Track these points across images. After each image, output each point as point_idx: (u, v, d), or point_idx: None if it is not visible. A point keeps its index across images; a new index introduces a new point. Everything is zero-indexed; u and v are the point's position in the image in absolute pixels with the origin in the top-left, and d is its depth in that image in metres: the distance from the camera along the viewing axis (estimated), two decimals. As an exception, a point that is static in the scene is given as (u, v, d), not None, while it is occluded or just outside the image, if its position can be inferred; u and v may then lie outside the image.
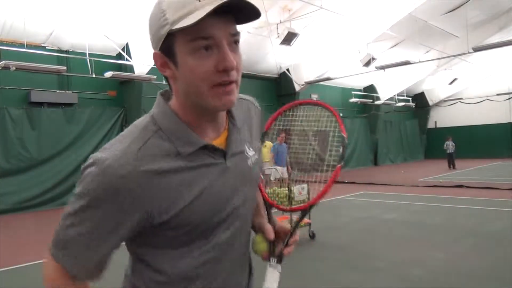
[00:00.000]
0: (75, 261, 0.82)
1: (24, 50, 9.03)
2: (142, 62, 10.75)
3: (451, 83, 22.10)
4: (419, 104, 23.60)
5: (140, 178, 0.78)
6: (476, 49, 12.64)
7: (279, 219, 5.96)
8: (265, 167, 7.95)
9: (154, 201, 0.80)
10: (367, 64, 15.29)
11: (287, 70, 15.62)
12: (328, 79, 15.07)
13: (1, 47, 8.89)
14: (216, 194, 0.88)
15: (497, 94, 21.71)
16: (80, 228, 0.79)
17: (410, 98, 22.31)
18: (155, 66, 0.87)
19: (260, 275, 1.07)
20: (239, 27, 0.83)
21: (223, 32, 0.79)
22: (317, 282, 3.99)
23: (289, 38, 12.77)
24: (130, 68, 11.00)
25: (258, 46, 12.87)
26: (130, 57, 10.91)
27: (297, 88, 15.64)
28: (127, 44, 11.03)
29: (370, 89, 20.10)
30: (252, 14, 0.80)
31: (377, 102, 19.58)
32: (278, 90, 16.25)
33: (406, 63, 13.49)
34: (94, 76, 10.27)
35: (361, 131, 19.97)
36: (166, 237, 0.86)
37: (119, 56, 11.26)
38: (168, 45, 0.80)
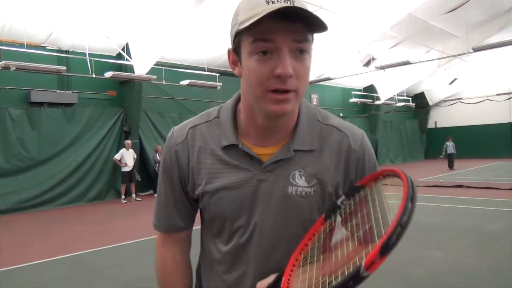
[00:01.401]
0: (155, 216, 1.04)
1: (24, 50, 9.03)
2: (142, 62, 10.74)
3: (451, 83, 22.10)
4: (419, 104, 23.59)
5: (184, 149, 0.95)
6: (476, 49, 12.63)
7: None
8: None
9: (189, 172, 0.95)
10: (367, 64, 15.31)
11: (287, 70, 15.60)
12: (328, 79, 15.07)
13: (1, 47, 8.89)
14: (234, 197, 0.90)
15: (497, 94, 21.70)
16: (158, 191, 1.03)
17: (410, 98, 22.31)
18: (155, 66, 0.89)
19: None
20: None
21: (285, 38, 0.76)
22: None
23: (289, 38, 12.72)
24: (130, 68, 10.99)
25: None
26: (130, 57, 10.91)
27: (297, 88, 15.64)
28: (127, 44, 11.03)
29: (370, 89, 20.10)
30: (319, 25, 0.77)
31: (377, 102, 19.58)
32: (278, 90, 16.25)
33: (406, 63, 13.49)
34: (94, 76, 10.27)
35: (361, 131, 19.99)
36: (205, 220, 1.00)
37: (119, 56, 11.25)
38: (237, 44, 0.83)
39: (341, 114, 19.37)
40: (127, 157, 10.37)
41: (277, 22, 0.75)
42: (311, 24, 0.76)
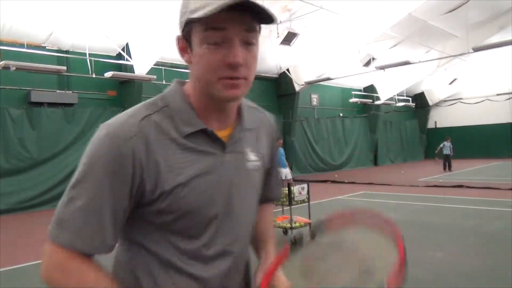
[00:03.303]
0: (79, 234, 0.79)
1: (24, 50, 9.04)
2: (142, 62, 10.75)
3: (451, 83, 22.11)
4: (419, 104, 23.61)
5: (141, 143, 0.82)
6: (476, 49, 12.64)
7: (279, 218, 5.72)
8: None
9: (149, 169, 0.82)
10: (367, 64, 15.31)
11: (287, 70, 15.62)
12: (328, 79, 15.07)
13: (1, 47, 8.89)
14: (208, 184, 0.88)
15: (497, 94, 21.72)
16: (83, 198, 0.79)
17: (410, 98, 22.32)
18: (155, 66, 0.89)
19: None
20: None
21: (236, 28, 0.80)
22: (317, 282, 3.99)
23: (289, 38, 12.75)
24: (130, 68, 10.99)
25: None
26: (130, 57, 10.91)
27: (297, 88, 15.64)
28: (127, 44, 11.03)
29: (370, 89, 20.10)
30: (267, 17, 0.81)
31: (377, 102, 19.59)
32: (278, 90, 16.26)
33: (406, 63, 13.48)
34: (94, 76, 10.28)
35: (361, 131, 19.99)
36: (167, 222, 0.86)
37: (119, 56, 11.25)
38: (187, 31, 0.85)
39: (341, 114, 19.37)
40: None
41: (229, 13, 0.77)
42: (260, 15, 0.80)
